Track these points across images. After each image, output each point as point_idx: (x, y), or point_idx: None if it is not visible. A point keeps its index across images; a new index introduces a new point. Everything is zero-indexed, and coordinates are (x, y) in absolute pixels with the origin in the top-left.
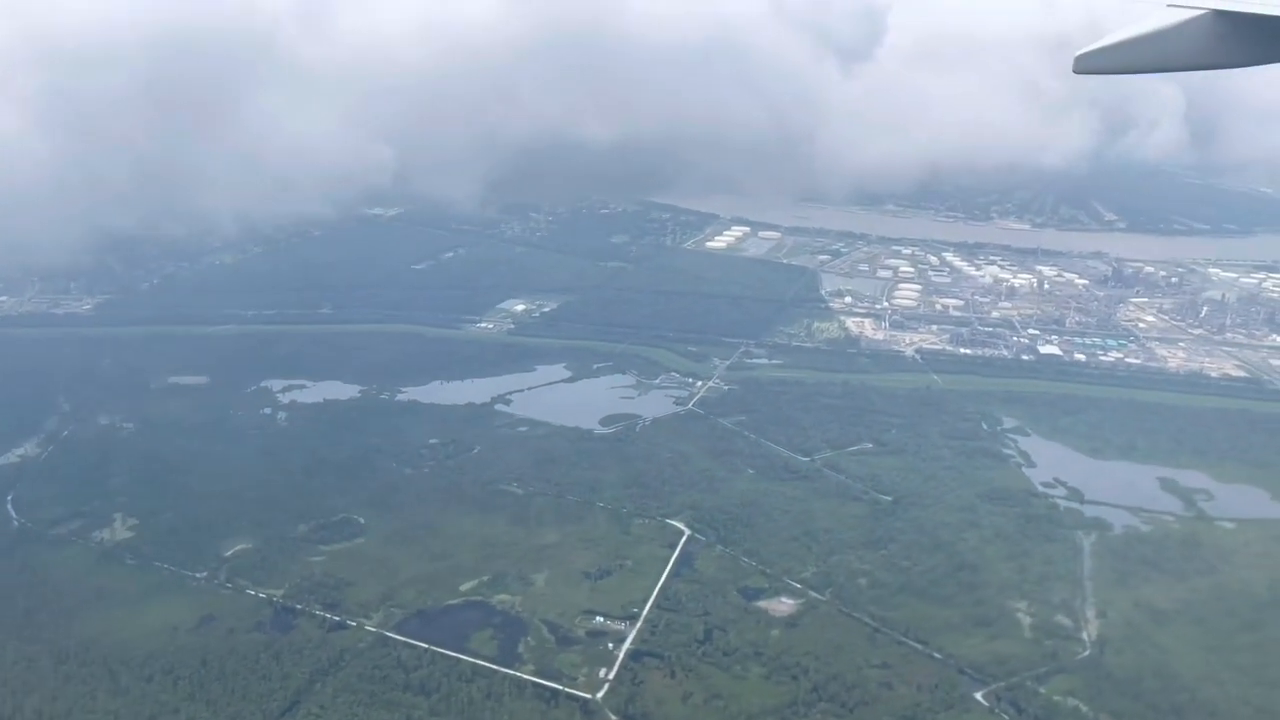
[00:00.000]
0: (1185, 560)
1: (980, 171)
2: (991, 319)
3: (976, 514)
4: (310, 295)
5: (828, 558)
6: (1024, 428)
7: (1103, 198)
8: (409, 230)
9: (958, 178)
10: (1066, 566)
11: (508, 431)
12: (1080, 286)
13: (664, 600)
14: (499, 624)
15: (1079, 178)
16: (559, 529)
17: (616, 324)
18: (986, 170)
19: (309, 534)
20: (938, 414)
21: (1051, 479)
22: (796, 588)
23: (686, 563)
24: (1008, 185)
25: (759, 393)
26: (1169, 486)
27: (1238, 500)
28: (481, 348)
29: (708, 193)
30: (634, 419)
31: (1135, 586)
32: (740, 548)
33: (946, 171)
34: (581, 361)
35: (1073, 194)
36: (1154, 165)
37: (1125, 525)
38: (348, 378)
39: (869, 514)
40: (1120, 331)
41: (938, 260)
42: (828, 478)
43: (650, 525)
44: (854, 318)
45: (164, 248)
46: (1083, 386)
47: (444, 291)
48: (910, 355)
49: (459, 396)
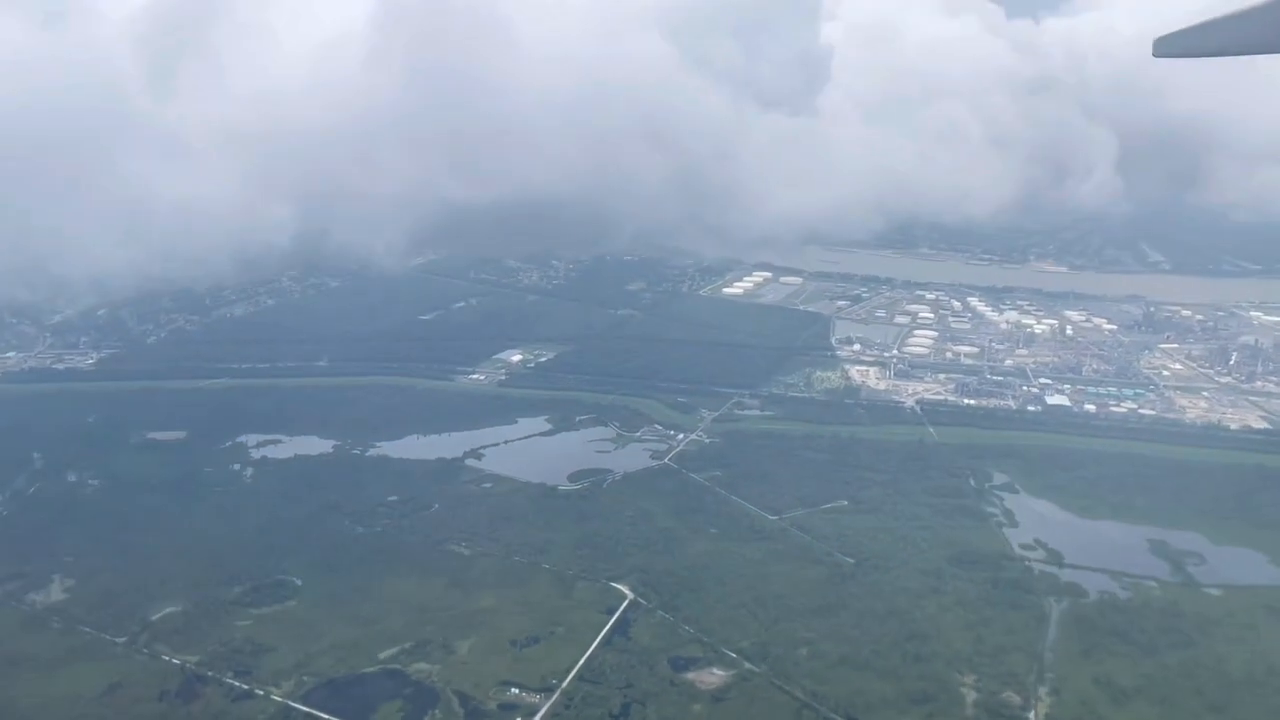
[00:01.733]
0: (1160, 632)
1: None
2: (1004, 367)
3: (941, 578)
4: (309, 348)
5: (772, 626)
6: (1014, 484)
7: (1152, 238)
8: (427, 281)
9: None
10: (1027, 637)
11: (471, 488)
12: (1107, 332)
13: (588, 671)
14: (409, 695)
15: (1130, 218)
16: (497, 592)
17: (611, 374)
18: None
19: (241, 596)
20: (924, 469)
21: (1032, 540)
22: (732, 658)
23: (622, 630)
24: (1054, 226)
25: (740, 447)
26: (1159, 549)
27: (1231, 565)
28: (468, 400)
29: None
30: (604, 474)
31: (1099, 660)
32: (682, 614)
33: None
34: (565, 413)
35: (1120, 235)
36: (1199, 209)
37: (1102, 591)
38: (325, 433)
39: (827, 578)
40: (1140, 380)
41: (960, 305)
42: (792, 538)
43: (593, 589)
44: (859, 366)
45: (178, 301)
46: (1087, 440)
47: (444, 343)
48: (910, 406)
49: (432, 451)
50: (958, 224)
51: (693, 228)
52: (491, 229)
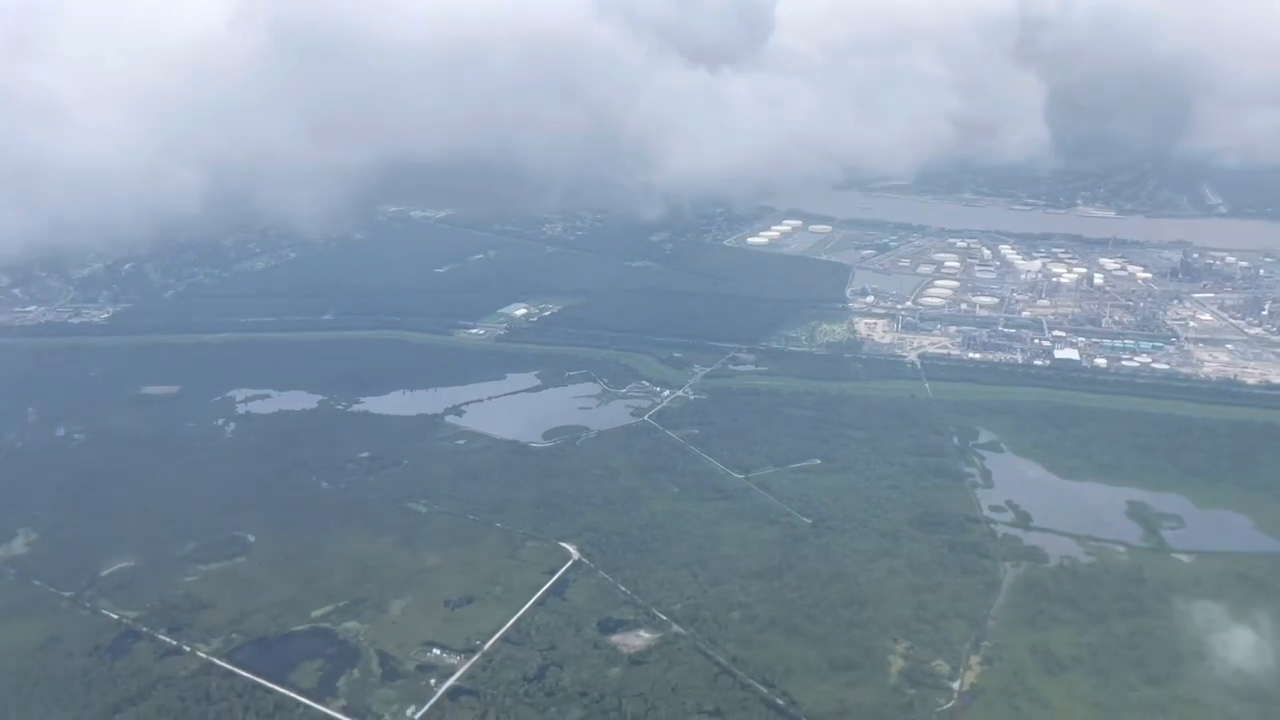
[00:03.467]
0: (1114, 599)
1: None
2: (1020, 319)
3: (898, 541)
4: (318, 302)
5: (711, 588)
6: (1000, 443)
7: (1217, 180)
8: (450, 233)
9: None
10: (974, 603)
11: (445, 444)
12: (1140, 281)
13: (514, 633)
14: (333, 654)
15: (1197, 160)
16: (445, 551)
17: (612, 328)
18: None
19: (193, 553)
20: (909, 427)
21: (1003, 502)
22: (662, 620)
23: (559, 591)
24: (1110, 168)
25: (724, 403)
26: (1136, 512)
27: (1211, 529)
28: (462, 355)
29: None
30: (580, 432)
31: (1043, 628)
32: (623, 575)
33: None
34: (556, 369)
35: (1181, 177)
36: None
37: (1064, 556)
38: (313, 387)
39: (779, 539)
40: (1162, 332)
41: (990, 253)
42: (754, 498)
43: (541, 548)
44: (868, 319)
45: (203, 253)
46: (1089, 395)
47: (453, 296)
48: (910, 361)
49: (414, 407)
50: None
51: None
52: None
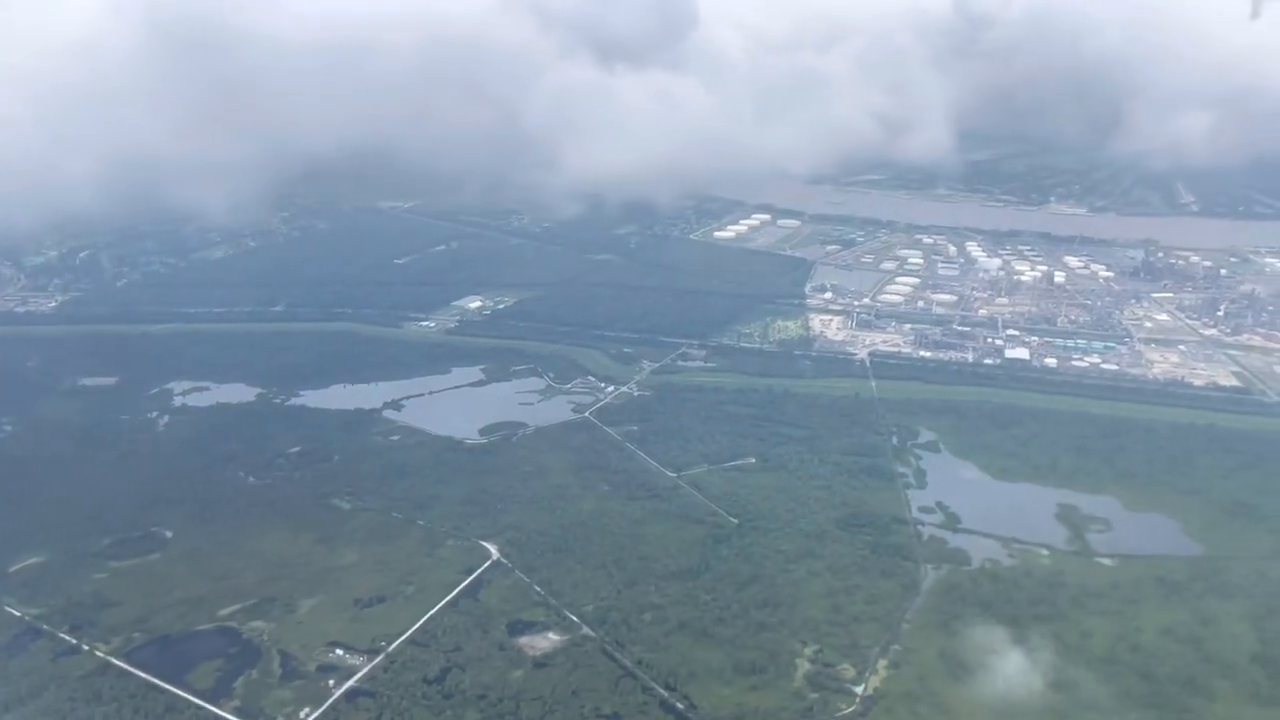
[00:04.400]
0: (1031, 604)
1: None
2: (976, 317)
3: (822, 542)
4: (270, 292)
5: (626, 589)
6: (939, 443)
7: (1191, 179)
8: (416, 224)
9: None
10: (889, 606)
11: (378, 440)
12: (1102, 280)
13: (421, 633)
14: (234, 654)
15: (1175, 158)
16: (363, 549)
17: (565, 322)
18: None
19: (106, 549)
20: (850, 426)
21: (934, 503)
22: (573, 622)
23: (473, 591)
24: (1086, 166)
25: (668, 400)
26: (1066, 515)
27: (1138, 533)
28: (409, 348)
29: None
30: (518, 428)
31: (955, 633)
32: (539, 575)
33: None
34: (503, 363)
35: (1156, 176)
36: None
37: (987, 559)
38: (253, 379)
39: (702, 539)
40: (1117, 332)
41: (955, 250)
42: (683, 497)
43: (461, 548)
44: (823, 315)
45: (162, 242)
46: (1035, 395)
47: (408, 288)
48: (861, 358)
49: (353, 401)
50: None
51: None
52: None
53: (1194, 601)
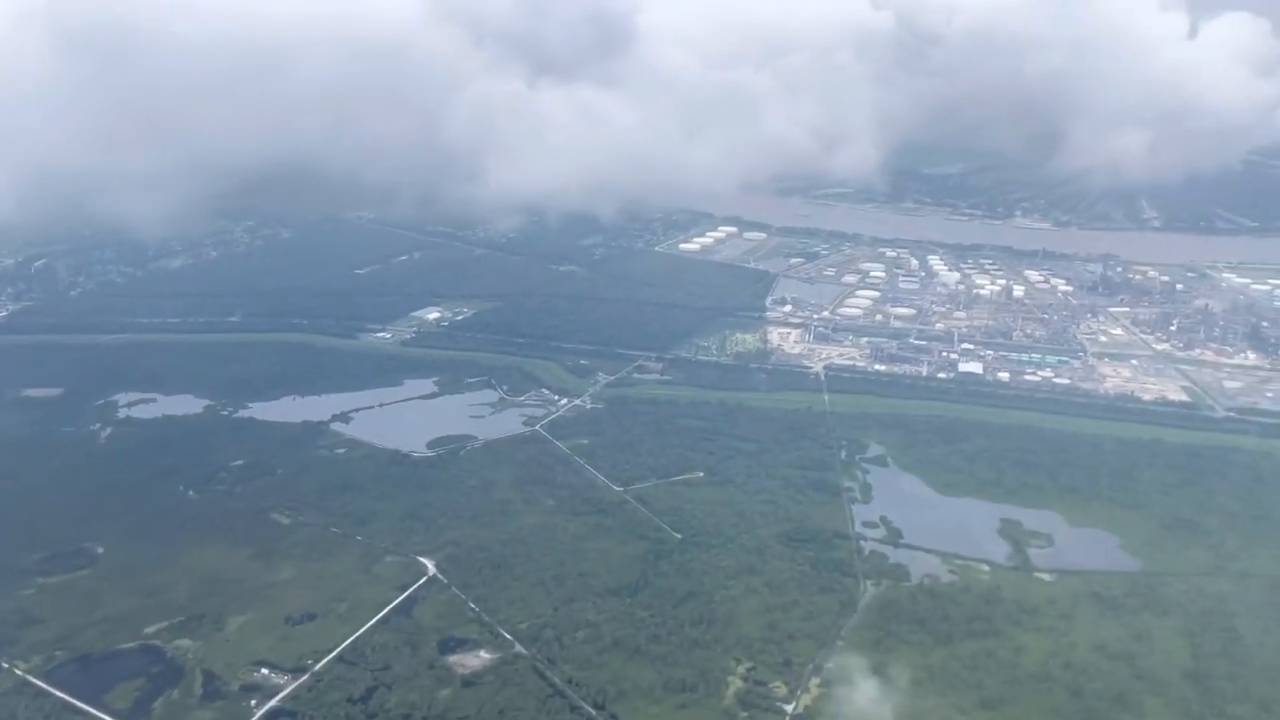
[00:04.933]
0: (966, 620)
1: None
2: (933, 331)
3: (763, 557)
4: (228, 302)
5: (562, 606)
6: (887, 457)
7: (1155, 194)
8: (380, 233)
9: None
10: (826, 623)
11: (324, 453)
12: (1061, 294)
13: (350, 651)
14: (156, 673)
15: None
16: (299, 565)
17: (523, 334)
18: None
19: (36, 564)
20: (799, 440)
21: (877, 518)
22: (506, 640)
23: (407, 608)
24: (1052, 180)
25: (620, 413)
26: (1008, 530)
27: (1078, 548)
28: (362, 360)
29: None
30: (466, 441)
31: (889, 649)
32: (475, 592)
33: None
34: (457, 375)
35: (1121, 190)
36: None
37: (926, 574)
38: (202, 391)
39: (644, 555)
40: (1071, 346)
41: (917, 263)
42: (628, 511)
43: (399, 564)
44: (782, 328)
45: (121, 251)
46: (986, 409)
47: (367, 298)
48: (816, 372)
49: (303, 413)
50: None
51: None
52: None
53: (1129, 618)
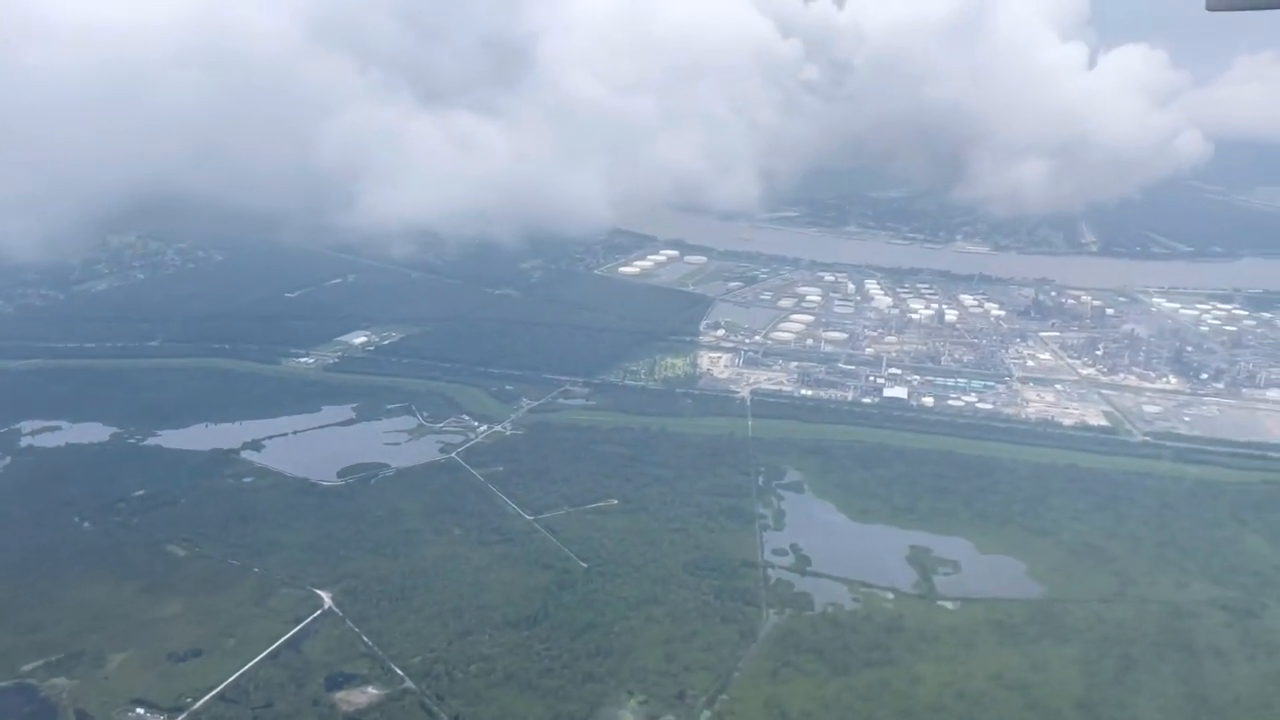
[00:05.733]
0: (865, 649)
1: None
2: (862, 356)
3: (668, 587)
4: (150, 327)
5: (459, 639)
6: (804, 483)
7: (1094, 218)
8: (316, 256)
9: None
10: (725, 653)
11: (231, 483)
12: (994, 318)
13: (233, 689)
14: (28, 714)
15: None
16: (189, 599)
17: (450, 358)
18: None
19: None
20: (718, 466)
21: (788, 545)
22: (396, 675)
23: (297, 642)
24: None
25: (539, 440)
26: (917, 557)
27: (985, 575)
28: (282, 386)
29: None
30: (378, 469)
31: (785, 680)
32: (370, 625)
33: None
34: (377, 401)
35: (1061, 216)
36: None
37: (829, 603)
38: (110, 420)
39: (547, 585)
40: (998, 371)
41: (854, 288)
42: (536, 540)
43: (294, 596)
44: (714, 353)
45: (45, 274)
46: (907, 435)
47: (294, 322)
48: (742, 397)
49: (213, 441)
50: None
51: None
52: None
53: (1028, 646)
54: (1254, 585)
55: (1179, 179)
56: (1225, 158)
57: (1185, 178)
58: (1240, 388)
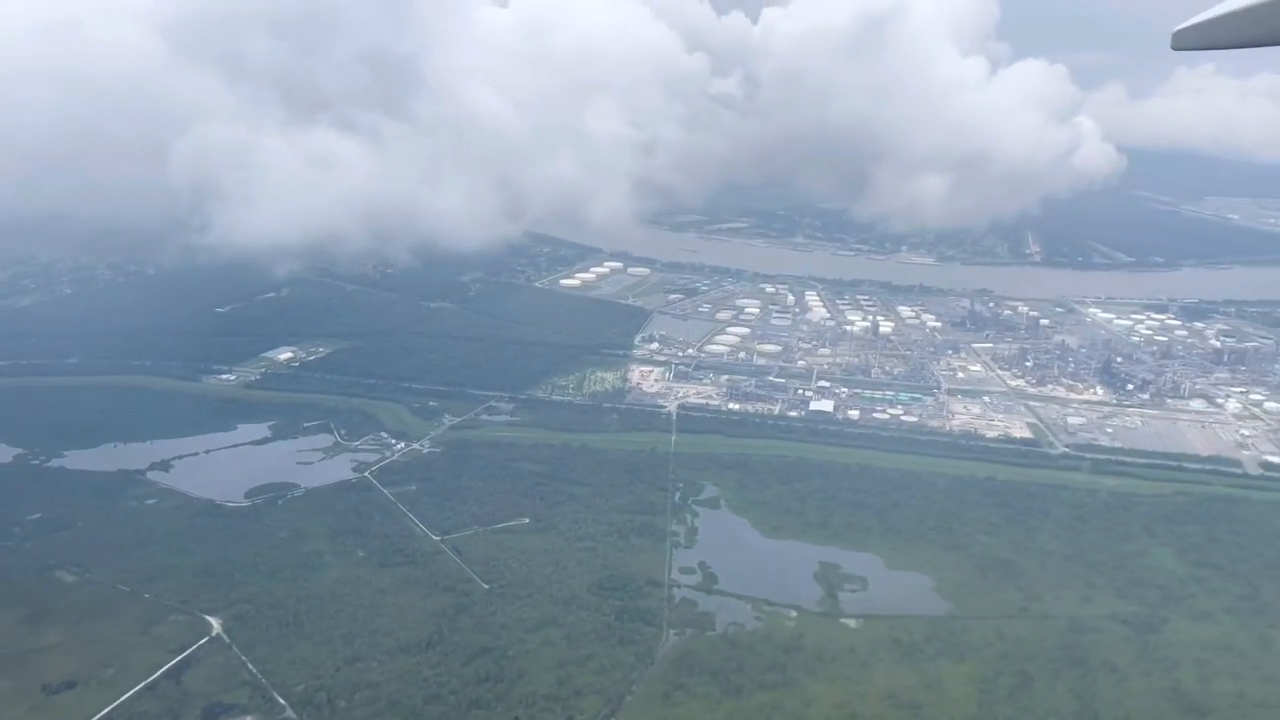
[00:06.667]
0: (761, 670)
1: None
2: (795, 368)
3: (568, 609)
4: (70, 343)
5: (346, 666)
6: (720, 499)
7: (1042, 229)
8: (251, 268)
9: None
10: (619, 676)
11: (131, 505)
12: (929, 329)
13: None
14: None
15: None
16: (72, 627)
17: (375, 374)
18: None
19: None
20: (636, 482)
21: (696, 564)
22: (278, 704)
23: (179, 672)
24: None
25: (457, 458)
26: (825, 574)
27: (891, 592)
28: (199, 403)
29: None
30: (288, 489)
31: (678, 704)
32: (257, 653)
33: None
34: (295, 419)
35: (1008, 226)
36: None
37: (731, 622)
38: (15, 440)
39: (445, 609)
40: (928, 383)
41: (794, 299)
42: (440, 562)
43: (182, 623)
44: (645, 366)
45: None
46: (830, 449)
47: (221, 338)
48: (668, 411)
49: (121, 462)
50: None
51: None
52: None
53: (925, 664)
54: (1157, 599)
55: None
56: (1175, 169)
57: (1133, 189)
58: (1165, 398)
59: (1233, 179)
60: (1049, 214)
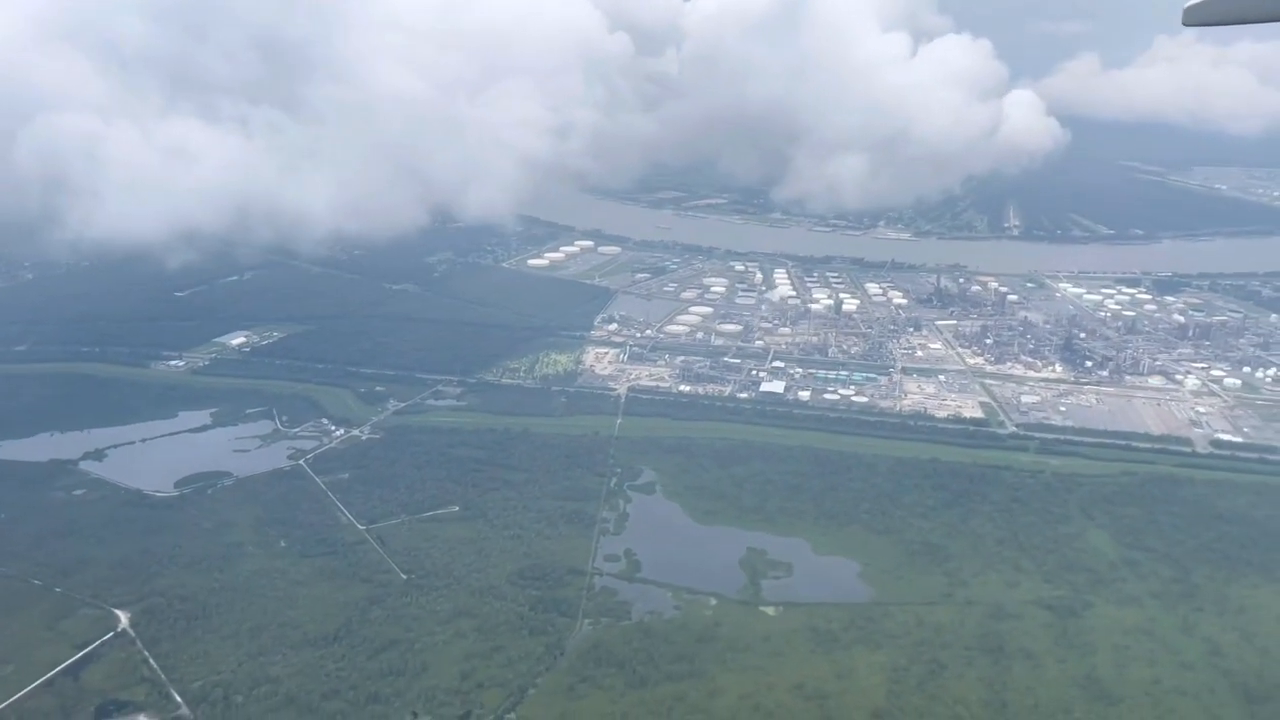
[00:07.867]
0: (670, 660)
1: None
2: (753, 348)
3: (484, 599)
4: (21, 329)
5: (250, 660)
6: (656, 484)
7: (1024, 201)
8: (215, 252)
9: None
10: (526, 669)
11: (61, 495)
12: (894, 307)
13: None
14: None
15: (1013, 179)
16: None
17: (326, 359)
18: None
19: None
20: (573, 467)
21: (621, 551)
22: (174, 702)
23: (79, 668)
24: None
25: (394, 444)
26: (751, 560)
27: (815, 578)
28: (143, 390)
29: None
30: (219, 478)
31: (581, 696)
32: (161, 648)
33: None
34: (238, 406)
35: (989, 199)
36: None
37: (649, 611)
38: None
39: (358, 601)
40: (884, 362)
41: (762, 278)
42: (362, 552)
43: (90, 618)
44: (601, 348)
45: None
46: (774, 431)
47: (176, 323)
48: (618, 394)
49: (54, 451)
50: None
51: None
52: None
53: (840, 653)
54: (1084, 583)
55: (1110, 160)
56: (1165, 138)
57: (1120, 158)
58: (1124, 375)
59: (1210, 149)
60: (1031, 185)
